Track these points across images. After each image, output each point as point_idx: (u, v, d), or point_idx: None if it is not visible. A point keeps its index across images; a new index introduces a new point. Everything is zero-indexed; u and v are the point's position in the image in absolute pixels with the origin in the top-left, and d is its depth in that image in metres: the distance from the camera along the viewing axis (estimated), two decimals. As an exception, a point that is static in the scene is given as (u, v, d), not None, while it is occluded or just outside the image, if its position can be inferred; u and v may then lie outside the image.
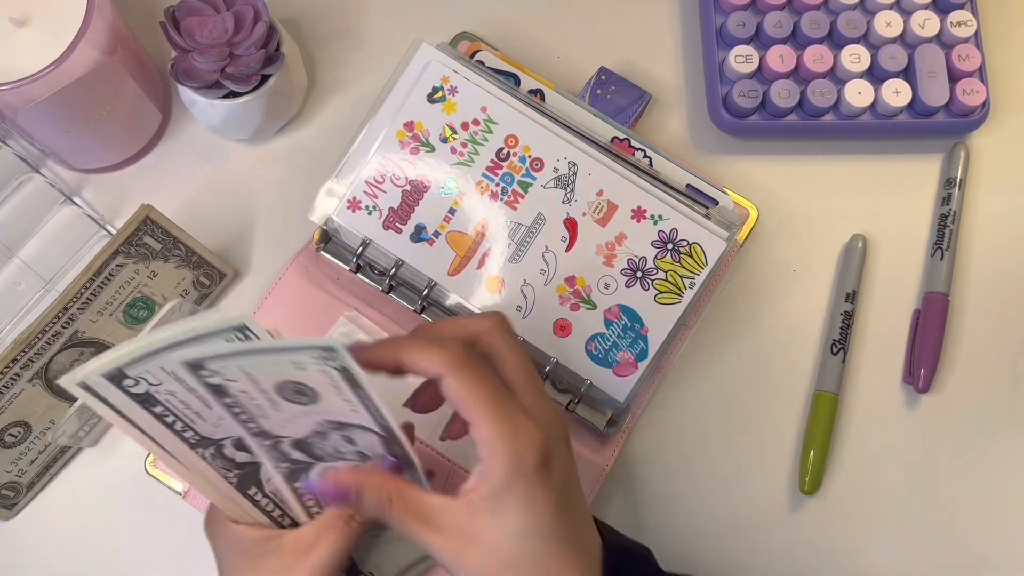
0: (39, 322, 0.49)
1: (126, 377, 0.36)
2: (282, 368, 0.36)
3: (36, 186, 0.59)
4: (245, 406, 0.39)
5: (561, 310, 0.54)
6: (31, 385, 0.51)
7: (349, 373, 0.36)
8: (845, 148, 0.63)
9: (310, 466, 0.42)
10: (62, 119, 0.53)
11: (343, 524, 0.40)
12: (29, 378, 0.50)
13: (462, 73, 0.55)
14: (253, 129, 0.60)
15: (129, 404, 0.37)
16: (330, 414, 0.39)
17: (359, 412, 0.39)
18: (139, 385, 0.37)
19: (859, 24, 0.61)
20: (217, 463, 0.41)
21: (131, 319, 0.54)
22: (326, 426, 0.40)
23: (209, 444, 0.41)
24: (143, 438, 0.39)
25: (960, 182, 0.61)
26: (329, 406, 0.38)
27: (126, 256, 0.51)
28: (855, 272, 0.60)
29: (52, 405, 0.53)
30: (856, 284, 0.60)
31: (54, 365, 0.51)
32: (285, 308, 0.58)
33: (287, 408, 0.39)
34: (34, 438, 0.53)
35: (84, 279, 0.50)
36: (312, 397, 0.38)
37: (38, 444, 0.54)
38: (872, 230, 0.61)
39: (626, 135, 0.58)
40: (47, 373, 0.51)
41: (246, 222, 0.60)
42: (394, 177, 0.55)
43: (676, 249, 0.54)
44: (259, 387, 0.38)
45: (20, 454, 0.53)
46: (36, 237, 0.59)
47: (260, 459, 0.41)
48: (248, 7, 0.54)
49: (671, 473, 0.58)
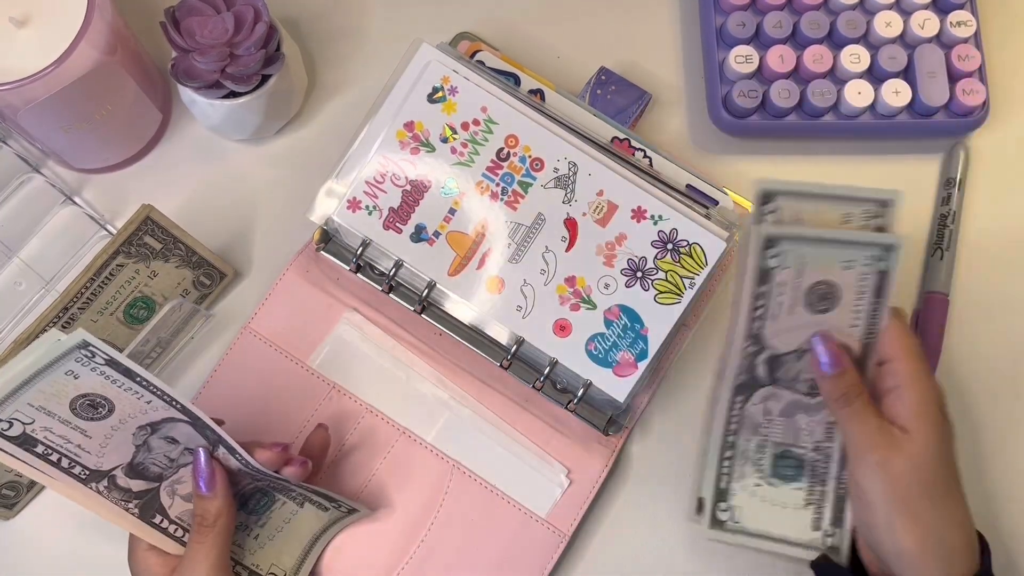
0: (39, 322, 0.49)
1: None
2: (60, 385, 0.36)
3: (36, 186, 0.59)
4: (60, 448, 0.38)
5: (561, 310, 0.54)
6: None
7: (113, 361, 0.36)
8: (845, 148, 0.63)
9: (156, 491, 0.43)
10: (62, 119, 0.53)
11: (209, 532, 0.44)
12: None
13: (462, 73, 0.55)
14: (253, 129, 0.60)
15: (10, 447, 0.37)
16: (132, 417, 0.39)
17: (153, 402, 0.39)
18: (13, 427, 0.36)
19: (859, 24, 0.61)
20: (114, 496, 0.41)
21: (131, 319, 0.54)
22: (141, 435, 0.41)
23: (101, 477, 0.40)
24: (41, 476, 0.39)
25: (960, 182, 0.61)
26: (126, 409, 0.39)
27: (126, 256, 0.51)
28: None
29: None
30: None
31: None
32: (285, 308, 0.58)
33: (93, 429, 0.39)
34: None
35: (84, 279, 0.50)
36: (105, 405, 0.38)
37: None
38: (872, 230, 0.61)
39: (626, 135, 0.58)
40: None
41: (246, 222, 0.61)
42: (394, 177, 0.55)
43: (676, 249, 0.54)
44: (57, 419, 0.37)
45: None
46: (36, 237, 0.59)
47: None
48: (248, 7, 0.54)
49: (671, 473, 0.58)
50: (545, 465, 0.56)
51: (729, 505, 0.51)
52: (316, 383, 0.56)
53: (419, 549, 0.54)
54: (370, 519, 0.54)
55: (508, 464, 0.56)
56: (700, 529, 0.52)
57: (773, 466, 0.51)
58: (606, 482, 0.56)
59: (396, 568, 0.54)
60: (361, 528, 0.54)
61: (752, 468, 0.51)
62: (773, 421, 0.50)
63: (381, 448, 0.56)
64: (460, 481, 0.55)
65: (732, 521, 0.51)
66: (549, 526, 0.55)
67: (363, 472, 0.55)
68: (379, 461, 0.55)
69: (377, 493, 0.55)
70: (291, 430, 0.55)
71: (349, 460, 0.55)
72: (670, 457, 0.58)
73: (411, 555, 0.54)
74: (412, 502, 0.55)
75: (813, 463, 0.51)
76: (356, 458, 0.55)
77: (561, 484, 0.55)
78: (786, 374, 0.48)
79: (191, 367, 0.58)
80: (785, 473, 0.51)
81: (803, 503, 0.51)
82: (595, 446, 0.56)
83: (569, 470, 0.56)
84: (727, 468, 0.51)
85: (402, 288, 0.56)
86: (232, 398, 0.56)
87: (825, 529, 0.51)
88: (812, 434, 0.50)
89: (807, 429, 0.50)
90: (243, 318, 0.58)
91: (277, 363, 0.57)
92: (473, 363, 0.57)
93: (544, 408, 0.56)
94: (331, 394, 0.56)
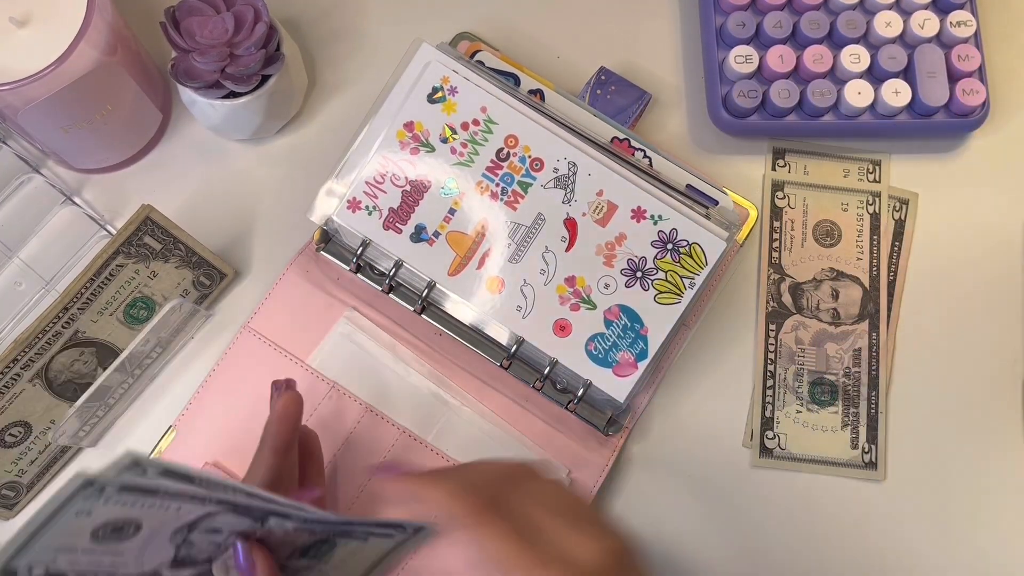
0: (39, 322, 0.49)
1: (16, 572, 0.33)
2: (74, 526, 0.33)
3: (36, 186, 0.59)
4: (93, 573, 0.35)
5: (561, 310, 0.54)
6: (31, 385, 0.51)
7: (135, 487, 0.32)
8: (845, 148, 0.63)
9: (209, 572, 0.40)
10: (62, 119, 0.53)
11: None
12: (29, 378, 0.50)
13: (462, 73, 0.55)
14: (253, 129, 0.60)
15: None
16: (164, 525, 0.36)
17: (183, 507, 0.35)
18: (36, 569, 0.34)
19: (859, 24, 0.61)
20: None
21: (131, 319, 0.54)
22: (178, 536, 0.37)
23: None
24: None
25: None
26: (154, 521, 0.35)
27: (126, 256, 0.51)
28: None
29: (52, 405, 0.53)
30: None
31: (54, 365, 0.51)
32: (285, 308, 0.58)
33: (124, 548, 0.35)
34: (34, 438, 0.53)
35: (84, 279, 0.50)
36: (131, 525, 0.35)
37: (38, 444, 0.54)
38: (872, 230, 0.61)
39: (626, 135, 0.58)
40: (47, 373, 0.51)
41: (246, 222, 0.61)
42: (394, 177, 0.55)
43: (676, 249, 0.54)
44: (80, 552, 0.34)
45: (20, 454, 0.53)
46: (36, 237, 0.59)
47: None
48: (248, 7, 0.54)
49: (671, 473, 0.58)
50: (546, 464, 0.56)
51: (775, 433, 0.55)
52: (316, 382, 0.56)
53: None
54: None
55: (508, 464, 0.56)
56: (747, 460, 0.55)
57: (810, 393, 0.56)
58: (606, 482, 0.56)
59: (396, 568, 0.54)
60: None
61: (793, 396, 0.55)
62: (805, 350, 0.55)
63: (381, 448, 0.56)
64: (460, 481, 0.55)
65: (779, 448, 0.56)
66: (549, 526, 0.55)
67: (363, 472, 0.55)
68: (379, 461, 0.55)
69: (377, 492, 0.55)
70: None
71: (349, 460, 0.55)
72: (670, 457, 0.58)
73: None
74: (412, 502, 0.55)
75: (845, 387, 0.56)
76: (356, 458, 0.55)
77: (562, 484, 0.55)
78: (808, 303, 0.54)
79: (191, 367, 0.58)
80: (821, 399, 0.55)
81: (840, 425, 0.56)
82: (595, 446, 0.56)
83: (570, 469, 0.56)
84: (770, 397, 0.55)
85: (402, 288, 0.56)
86: (231, 397, 0.56)
87: (863, 446, 0.56)
88: (841, 361, 0.56)
89: (836, 356, 0.56)
90: (243, 318, 0.58)
91: (277, 362, 0.57)
92: (473, 363, 0.57)
93: (544, 408, 0.56)
94: (331, 393, 0.56)
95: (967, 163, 0.63)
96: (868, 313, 0.59)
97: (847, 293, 0.59)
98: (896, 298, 0.59)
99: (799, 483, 0.57)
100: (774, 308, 0.58)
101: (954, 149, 0.63)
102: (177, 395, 0.57)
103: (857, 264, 0.58)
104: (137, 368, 0.55)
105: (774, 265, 0.59)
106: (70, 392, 0.53)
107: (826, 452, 0.56)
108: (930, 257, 0.61)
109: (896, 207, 0.61)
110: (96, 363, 0.54)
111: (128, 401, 0.57)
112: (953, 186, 0.62)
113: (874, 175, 0.60)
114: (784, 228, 0.59)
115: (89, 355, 0.53)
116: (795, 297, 0.57)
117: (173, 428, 0.55)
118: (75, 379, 0.53)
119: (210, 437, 0.55)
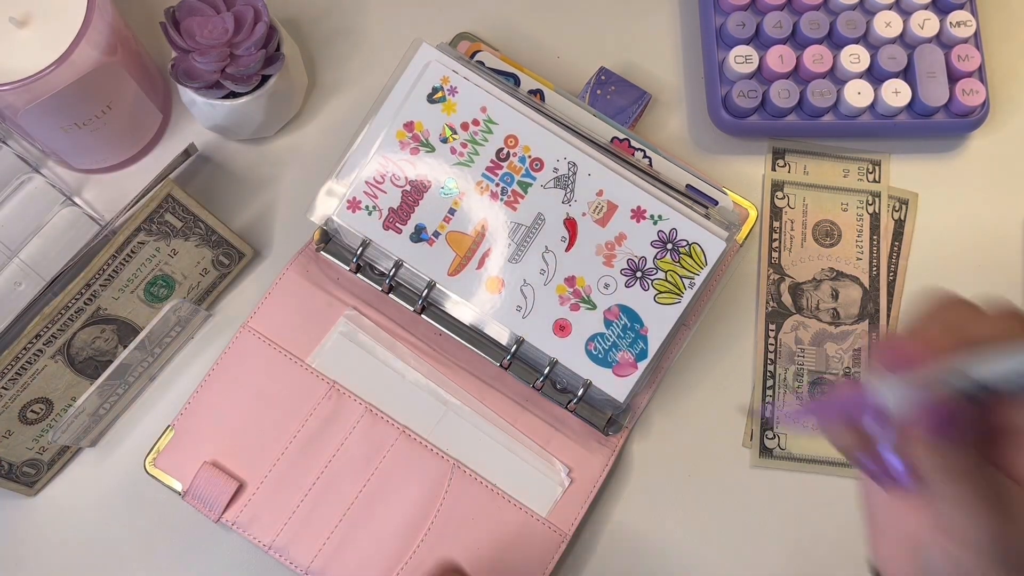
0: (62, 298, 0.49)
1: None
2: None
3: (36, 186, 0.59)
4: None
5: (561, 310, 0.54)
6: (53, 361, 0.51)
7: None
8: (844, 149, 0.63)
9: None
10: (62, 119, 0.53)
11: None
12: (52, 354, 0.51)
13: (462, 73, 0.55)
14: (253, 129, 0.60)
15: None
16: None
17: None
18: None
19: (859, 24, 0.61)
20: None
21: (152, 297, 0.54)
22: None
23: None
24: None
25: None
26: None
27: (147, 233, 0.51)
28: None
29: (74, 382, 0.53)
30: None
31: (76, 342, 0.52)
32: (285, 307, 0.58)
33: None
34: (55, 415, 0.53)
35: (107, 255, 0.50)
36: None
37: (60, 422, 0.54)
38: (872, 230, 0.61)
39: (626, 135, 0.58)
40: (69, 350, 0.51)
41: (245, 222, 0.61)
42: (394, 177, 0.55)
43: (676, 249, 0.54)
44: None
45: (42, 431, 0.53)
46: (36, 237, 0.59)
47: None
48: (248, 7, 0.54)
49: (671, 473, 0.58)
50: (546, 464, 0.56)
51: (775, 433, 0.55)
52: (315, 382, 0.56)
53: (419, 549, 0.54)
54: (369, 518, 0.54)
55: (508, 463, 0.56)
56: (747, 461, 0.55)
57: (810, 393, 0.56)
58: (606, 482, 0.56)
59: (396, 568, 0.54)
60: (361, 528, 0.54)
61: (793, 396, 0.55)
62: (805, 350, 0.55)
63: (381, 447, 0.56)
64: (460, 480, 0.55)
65: (779, 448, 0.55)
66: (550, 525, 0.55)
67: (363, 472, 0.55)
68: (379, 460, 0.55)
69: (377, 492, 0.55)
70: (290, 428, 0.55)
71: (348, 460, 0.55)
72: (670, 457, 0.58)
73: (411, 555, 0.54)
74: (412, 501, 0.55)
75: None
76: (355, 457, 0.55)
77: (562, 483, 0.55)
78: (807, 303, 0.54)
79: (191, 367, 0.58)
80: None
81: None
82: (595, 446, 0.56)
83: (570, 469, 0.56)
84: (770, 397, 0.55)
85: (402, 288, 0.56)
86: (231, 396, 0.56)
87: None
88: (841, 361, 0.55)
89: (836, 356, 0.55)
90: (243, 318, 0.58)
91: (276, 361, 0.57)
92: (473, 363, 0.57)
93: (544, 408, 0.56)
94: (330, 393, 0.56)
95: (967, 163, 0.63)
96: (868, 313, 0.59)
97: (847, 293, 0.59)
98: (896, 298, 0.59)
99: (799, 483, 0.57)
100: (774, 308, 0.58)
101: (954, 149, 0.63)
102: (177, 395, 0.57)
103: (857, 264, 0.58)
104: (157, 347, 0.55)
105: (774, 265, 0.59)
106: (91, 370, 0.53)
107: (826, 452, 0.56)
108: (930, 257, 0.61)
109: (896, 207, 0.61)
110: (117, 340, 0.54)
111: (128, 401, 0.57)
112: (953, 186, 0.62)
113: (874, 175, 0.60)
114: (784, 228, 0.59)
115: (110, 332, 0.53)
116: (795, 297, 0.57)
117: (171, 428, 0.55)
118: (96, 356, 0.53)
119: (209, 436, 0.55)
